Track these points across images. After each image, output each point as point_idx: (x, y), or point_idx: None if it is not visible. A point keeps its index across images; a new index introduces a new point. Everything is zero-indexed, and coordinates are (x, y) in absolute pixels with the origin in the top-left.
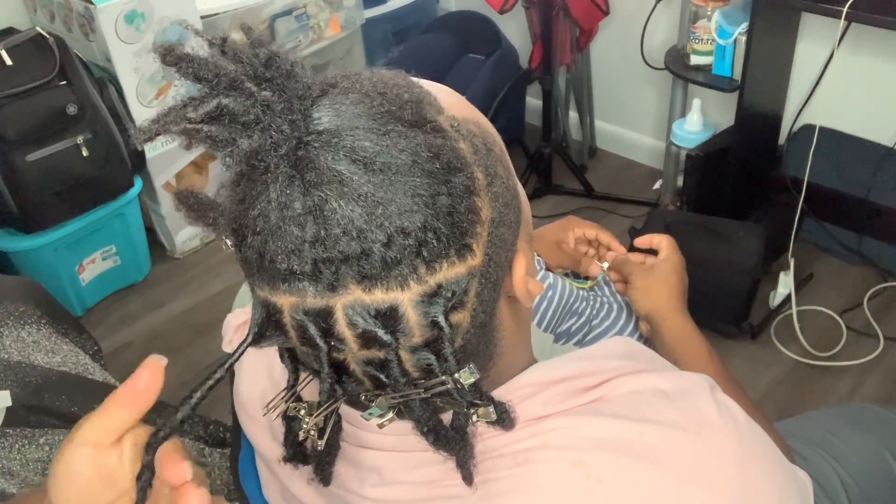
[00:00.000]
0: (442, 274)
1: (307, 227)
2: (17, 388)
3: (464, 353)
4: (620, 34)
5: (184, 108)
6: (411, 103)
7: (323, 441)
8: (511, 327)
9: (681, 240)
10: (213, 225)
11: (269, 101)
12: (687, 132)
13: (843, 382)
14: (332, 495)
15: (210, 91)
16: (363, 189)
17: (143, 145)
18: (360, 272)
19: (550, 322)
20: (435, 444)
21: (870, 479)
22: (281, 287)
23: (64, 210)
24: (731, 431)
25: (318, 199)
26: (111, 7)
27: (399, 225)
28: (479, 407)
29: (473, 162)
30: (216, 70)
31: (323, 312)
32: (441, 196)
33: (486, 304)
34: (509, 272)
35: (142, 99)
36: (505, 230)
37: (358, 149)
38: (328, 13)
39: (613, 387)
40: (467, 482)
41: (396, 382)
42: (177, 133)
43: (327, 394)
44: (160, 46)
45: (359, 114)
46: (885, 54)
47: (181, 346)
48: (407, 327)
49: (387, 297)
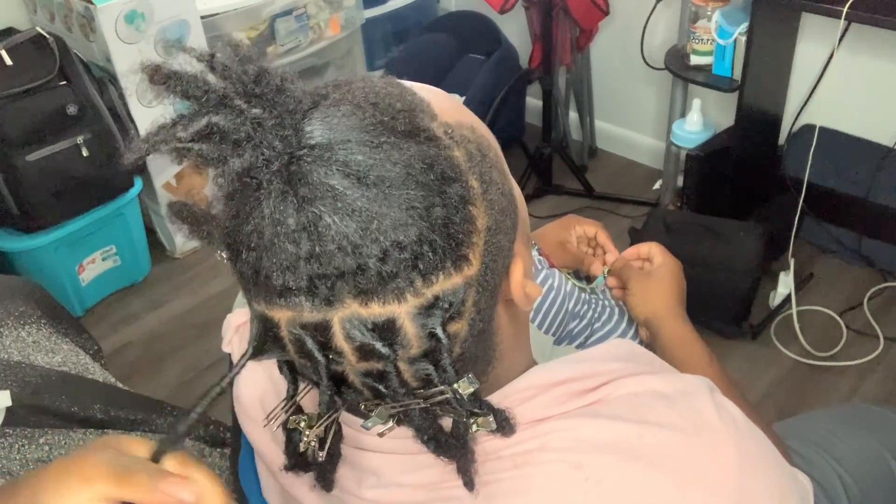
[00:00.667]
0: (439, 286)
1: (301, 244)
2: (17, 388)
3: (462, 362)
4: (620, 34)
5: (173, 126)
6: (404, 112)
7: (324, 452)
8: (509, 331)
9: (681, 240)
10: (208, 238)
11: (260, 118)
12: (687, 132)
13: (843, 382)
14: (331, 496)
15: (199, 109)
16: (357, 204)
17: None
18: (356, 287)
19: (552, 324)
20: (436, 451)
21: (870, 479)
22: (277, 302)
23: (64, 210)
24: (731, 433)
25: (311, 215)
26: (111, 7)
27: (394, 239)
28: (478, 416)
29: (468, 170)
30: (205, 87)
31: (320, 326)
32: (436, 208)
33: (483, 312)
34: (507, 277)
35: (142, 99)
36: (502, 237)
37: (351, 163)
38: (328, 13)
39: (613, 389)
40: (468, 487)
41: (395, 393)
42: (167, 153)
43: (327, 405)
44: (147, 67)
45: (351, 126)
46: (885, 54)
47: (181, 346)
48: (405, 339)
49: (384, 311)
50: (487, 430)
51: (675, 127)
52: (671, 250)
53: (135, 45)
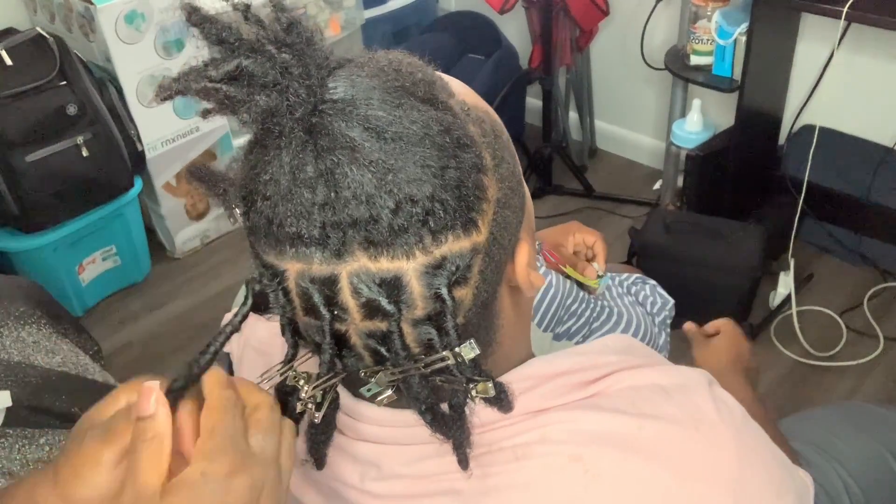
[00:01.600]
0: (447, 246)
1: (318, 191)
2: (17, 388)
3: (465, 332)
4: (620, 34)
5: (205, 67)
6: (424, 82)
7: (320, 414)
8: (511, 317)
9: (681, 240)
10: (223, 196)
11: (288, 64)
12: (687, 132)
13: (843, 382)
14: (331, 491)
15: (231, 52)
16: (374, 156)
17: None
18: (366, 238)
19: (550, 321)
20: (432, 425)
21: (872, 480)
22: (288, 252)
23: (64, 210)
24: (729, 427)
25: (330, 163)
26: (111, 7)
27: (408, 192)
28: (478, 383)
29: (482, 143)
30: (238, 34)
31: (328, 280)
32: (450, 169)
33: (488, 283)
34: (512, 260)
35: (142, 99)
36: (510, 213)
37: (371, 117)
38: (328, 13)
39: (612, 381)
40: (463, 466)
41: (397, 356)
42: (196, 92)
43: (327, 366)
44: (186, 5)
45: (373, 86)
46: (885, 54)
47: (181, 347)
48: (410, 298)
49: (392, 266)
50: (486, 396)
51: (675, 127)
52: (671, 250)
53: (135, 46)
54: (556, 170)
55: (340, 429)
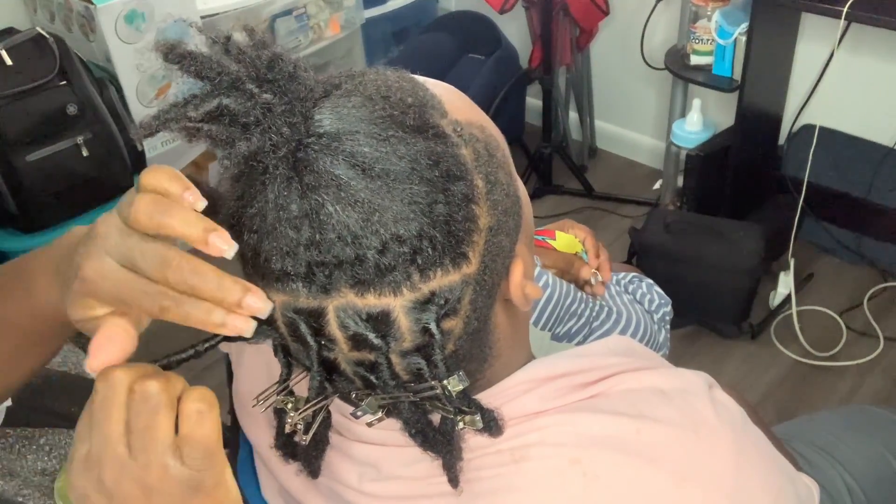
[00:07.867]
0: (436, 282)
1: (302, 230)
2: None
3: (455, 359)
4: (620, 34)
5: (185, 105)
6: (414, 108)
7: (308, 437)
8: (507, 330)
9: (681, 240)
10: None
11: (270, 104)
12: (687, 132)
13: (843, 382)
14: (331, 492)
15: (212, 90)
16: (360, 195)
17: (143, 143)
18: (353, 277)
19: (548, 321)
20: (423, 446)
21: (874, 482)
22: (274, 286)
23: (64, 210)
24: (728, 431)
25: (314, 202)
26: (111, 7)
27: (394, 232)
28: (465, 414)
29: (474, 168)
30: (218, 69)
31: (315, 313)
32: (438, 204)
33: (480, 310)
34: (506, 277)
35: (142, 99)
36: (503, 237)
37: (357, 154)
38: (328, 13)
39: (611, 384)
40: (453, 484)
41: (386, 385)
42: (177, 131)
43: (316, 391)
44: (163, 44)
45: (360, 118)
46: (885, 54)
47: (181, 346)
48: (398, 332)
49: (379, 303)
50: (474, 428)
51: (675, 127)
52: (671, 250)
53: (135, 45)
54: (556, 169)
55: (338, 430)
